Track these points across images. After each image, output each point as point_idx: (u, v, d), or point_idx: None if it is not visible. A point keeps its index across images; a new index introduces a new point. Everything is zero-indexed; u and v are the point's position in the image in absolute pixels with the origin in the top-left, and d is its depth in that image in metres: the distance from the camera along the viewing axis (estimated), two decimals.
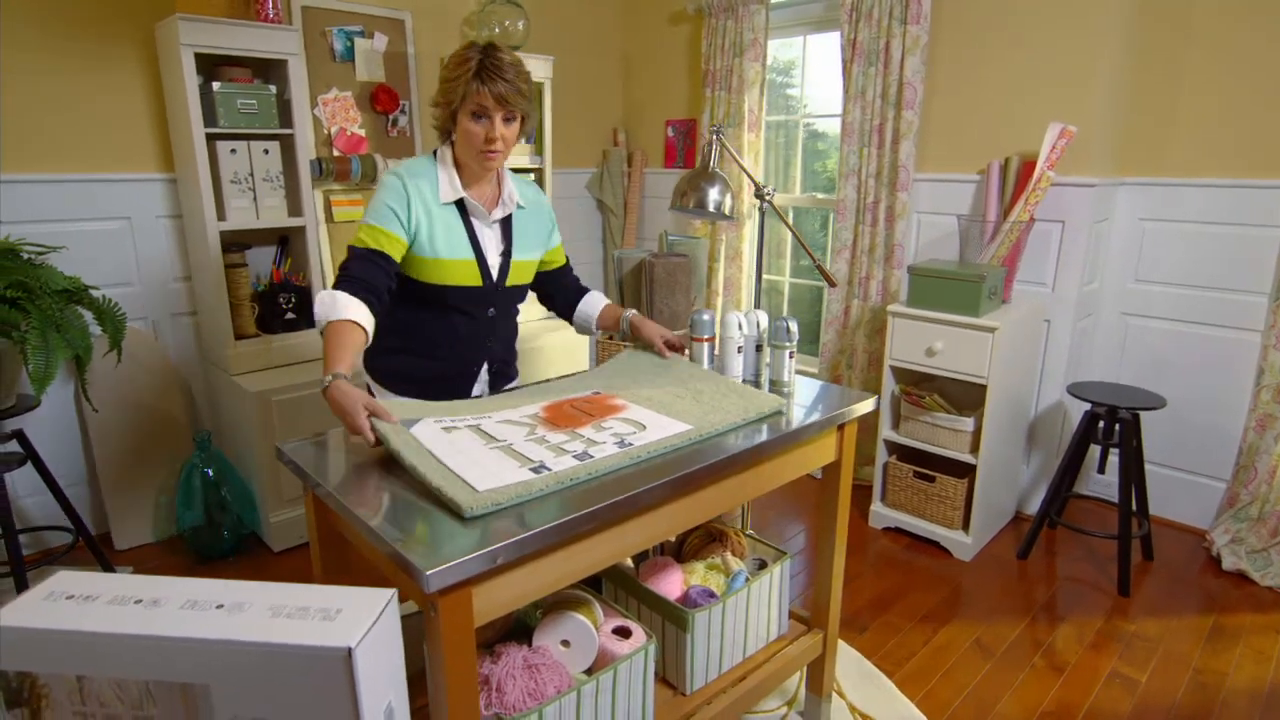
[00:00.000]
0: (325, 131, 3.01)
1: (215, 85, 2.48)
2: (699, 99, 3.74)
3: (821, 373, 3.37)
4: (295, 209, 2.75)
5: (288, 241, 2.88)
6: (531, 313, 3.52)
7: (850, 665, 2.13)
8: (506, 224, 1.74)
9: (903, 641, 2.27)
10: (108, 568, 2.50)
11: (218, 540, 2.64)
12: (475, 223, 1.68)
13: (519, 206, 1.75)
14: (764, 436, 1.47)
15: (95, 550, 2.47)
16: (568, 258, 1.95)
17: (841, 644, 2.22)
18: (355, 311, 1.47)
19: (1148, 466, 2.93)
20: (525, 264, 1.78)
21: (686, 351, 1.80)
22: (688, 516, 1.39)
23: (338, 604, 0.96)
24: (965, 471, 2.71)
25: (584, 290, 1.95)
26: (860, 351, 3.23)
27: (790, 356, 1.71)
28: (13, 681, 0.93)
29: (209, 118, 2.49)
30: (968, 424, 2.63)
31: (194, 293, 2.81)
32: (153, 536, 2.77)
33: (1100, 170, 2.68)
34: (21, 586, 2.22)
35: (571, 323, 1.95)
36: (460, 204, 1.66)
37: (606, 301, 1.92)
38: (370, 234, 1.57)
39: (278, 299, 2.75)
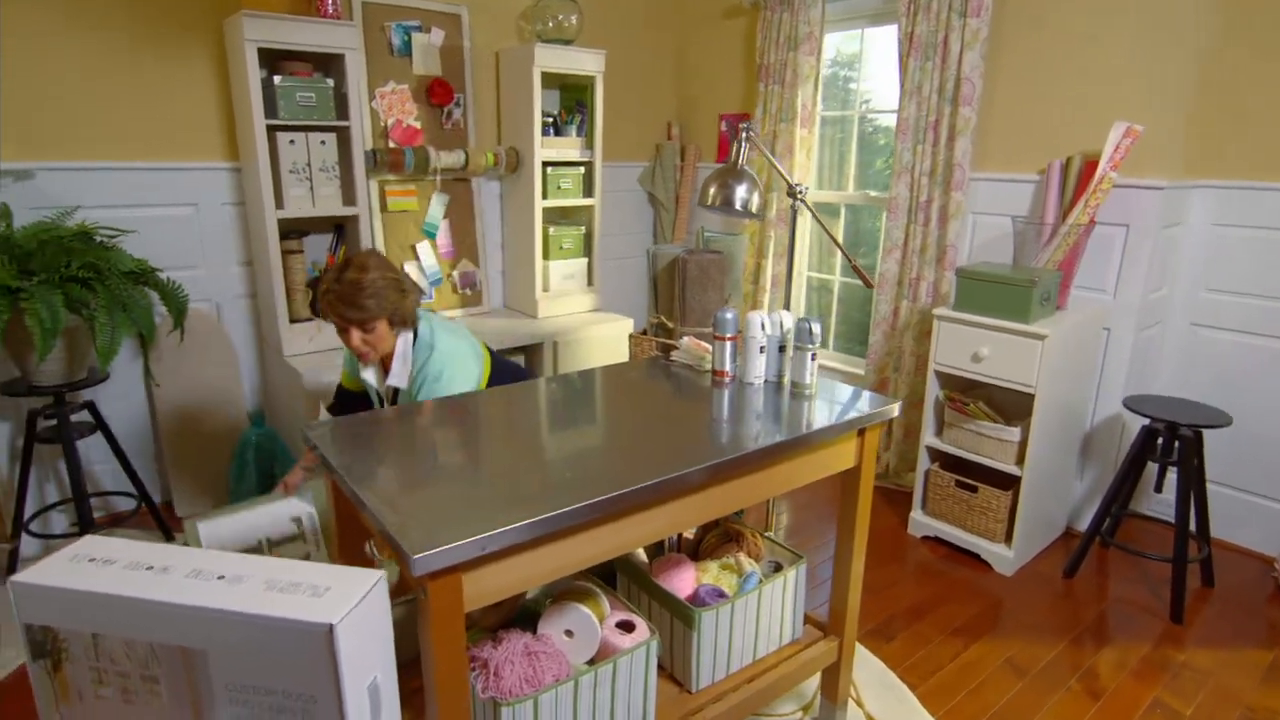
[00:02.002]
0: (382, 123, 3.11)
1: (276, 79, 2.59)
2: (753, 93, 3.69)
3: (868, 375, 3.29)
4: (350, 198, 2.85)
5: (343, 229, 2.99)
6: (575, 305, 3.56)
7: (872, 674, 2.09)
8: (395, 402, 1.98)
9: (931, 654, 2.21)
10: (167, 534, 2.66)
11: None
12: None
13: (401, 389, 1.93)
14: (778, 438, 1.45)
15: (157, 516, 2.63)
16: None
17: (866, 653, 2.18)
18: None
19: (1212, 487, 2.76)
20: None
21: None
22: (689, 515, 1.39)
23: (328, 582, 1.00)
24: (1010, 483, 2.61)
25: None
26: (908, 355, 3.14)
27: (813, 358, 1.68)
28: (38, 635, 1.00)
29: (270, 110, 2.60)
30: (1014, 434, 2.53)
31: (254, 277, 2.95)
32: (210, 505, 2.93)
33: (1170, 172, 2.53)
34: None
35: None
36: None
37: None
38: (343, 373, 2.14)
39: None
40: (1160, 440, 2.44)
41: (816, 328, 1.67)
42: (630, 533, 1.29)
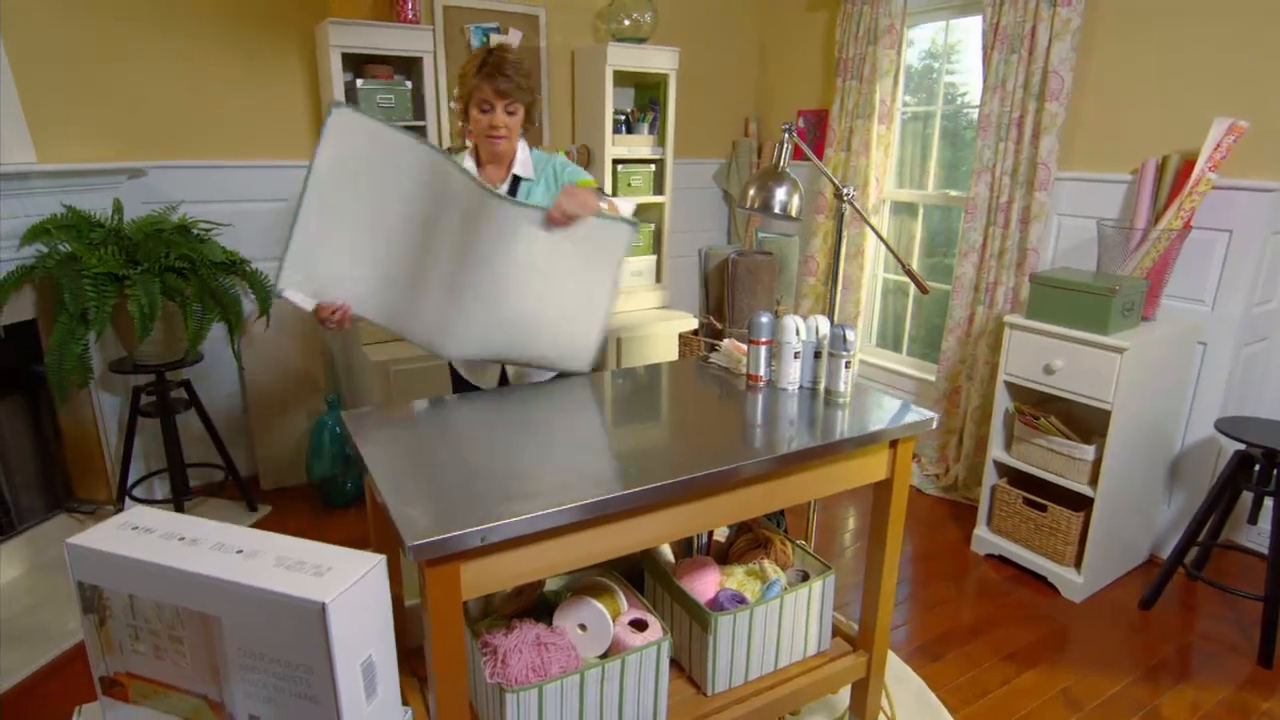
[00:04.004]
0: (459, 123, 3.23)
1: (359, 82, 2.74)
2: (832, 89, 3.60)
3: (939, 382, 3.16)
4: None
5: None
6: (641, 301, 3.59)
7: (910, 693, 2.02)
8: (514, 193, 1.88)
9: (979, 677, 2.12)
10: (251, 505, 2.88)
11: (341, 491, 2.95)
12: None
13: (525, 179, 1.87)
14: (800, 445, 1.43)
15: (242, 489, 2.85)
16: (601, 189, 1.92)
17: (908, 670, 2.11)
18: None
19: None
20: None
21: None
22: (700, 520, 1.39)
23: (330, 562, 1.07)
24: (1083, 503, 2.46)
25: None
26: (982, 363, 3.00)
27: (847, 366, 1.64)
28: (87, 592, 1.12)
29: None
30: (1087, 452, 2.37)
31: None
32: (291, 481, 3.15)
33: None
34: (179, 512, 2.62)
35: None
36: None
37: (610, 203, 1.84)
38: None
39: None
40: (1258, 467, 2.23)
41: (851, 334, 1.63)
42: (636, 533, 1.31)
